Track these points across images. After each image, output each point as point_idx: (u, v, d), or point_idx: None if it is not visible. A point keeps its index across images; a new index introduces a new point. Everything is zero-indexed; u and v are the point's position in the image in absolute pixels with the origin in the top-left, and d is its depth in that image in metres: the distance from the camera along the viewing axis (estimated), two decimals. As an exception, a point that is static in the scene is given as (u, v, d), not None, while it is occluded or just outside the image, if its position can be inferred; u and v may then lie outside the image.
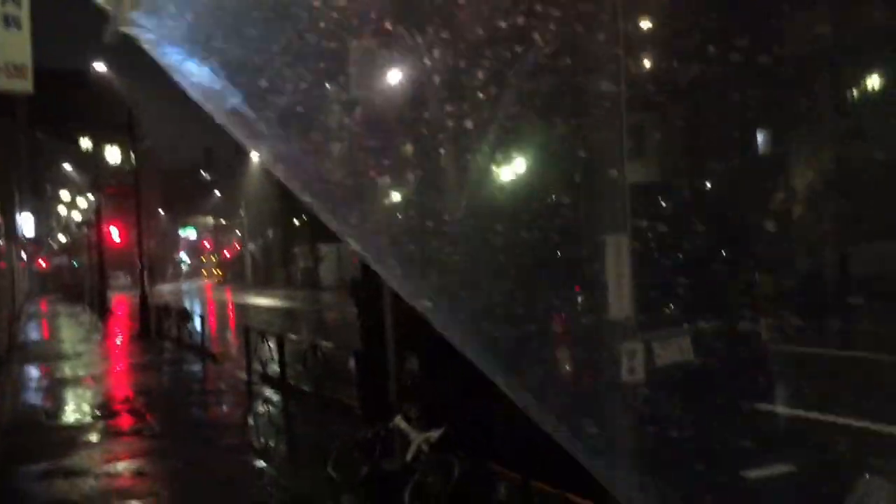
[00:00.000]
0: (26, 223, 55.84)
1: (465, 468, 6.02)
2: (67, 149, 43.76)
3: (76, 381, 13.94)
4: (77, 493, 7.04)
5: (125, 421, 10.18)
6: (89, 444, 8.97)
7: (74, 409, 11.22)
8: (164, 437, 9.10)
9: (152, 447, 8.63)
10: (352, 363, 9.57)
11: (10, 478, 7.65)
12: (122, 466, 7.85)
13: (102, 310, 33.89)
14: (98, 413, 10.69)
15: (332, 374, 10.15)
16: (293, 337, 12.10)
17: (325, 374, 10.02)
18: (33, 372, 15.71)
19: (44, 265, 67.54)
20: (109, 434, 9.41)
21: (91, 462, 8.05)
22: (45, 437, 9.46)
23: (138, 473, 7.64)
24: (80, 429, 9.80)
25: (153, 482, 7.31)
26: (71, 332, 26.84)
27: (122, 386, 13.59)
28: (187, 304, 32.43)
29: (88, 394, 12.54)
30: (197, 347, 17.15)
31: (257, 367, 12.32)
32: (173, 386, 13.31)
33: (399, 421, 6.38)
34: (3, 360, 16.97)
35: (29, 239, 56.36)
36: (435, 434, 6.10)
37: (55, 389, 13.27)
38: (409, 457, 6.14)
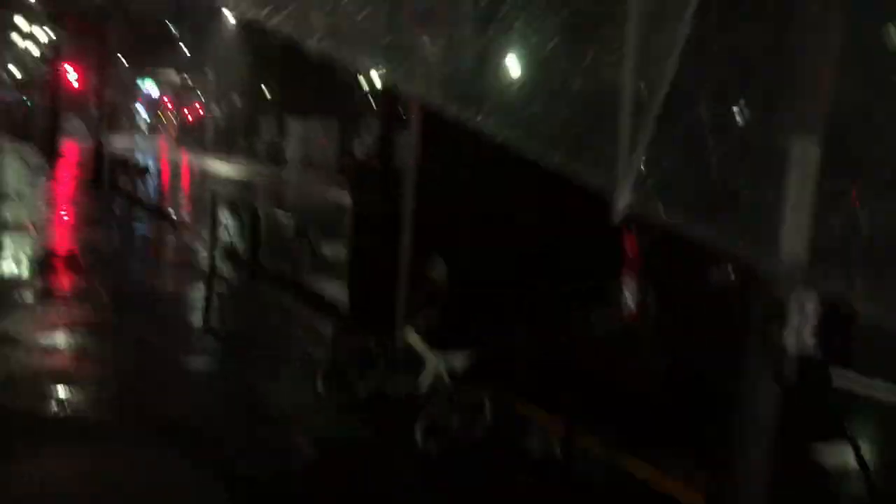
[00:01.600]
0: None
1: (496, 407, 4.91)
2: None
3: (16, 228, 12.45)
4: (3, 369, 5.76)
5: (68, 282, 8.86)
6: (24, 305, 7.66)
7: (10, 260, 9.80)
8: (113, 309, 7.81)
9: (99, 319, 7.35)
10: (339, 254, 8.37)
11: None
12: (59, 340, 6.58)
13: (52, 153, 31.84)
14: (38, 268, 9.33)
15: (315, 264, 8.94)
16: (278, 213, 10.72)
17: (308, 261, 8.78)
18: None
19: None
20: (49, 296, 8.10)
21: (24, 330, 6.75)
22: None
23: (78, 350, 6.39)
24: (14, 284, 8.45)
25: (96, 365, 6.06)
26: (16, 173, 24.92)
27: (68, 239, 12.16)
28: (142, 160, 30.62)
29: (28, 243, 11.10)
30: (152, 207, 15.72)
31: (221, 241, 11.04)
32: (126, 247, 11.89)
33: (410, 334, 5.20)
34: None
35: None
36: (459, 359, 4.95)
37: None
38: (423, 384, 5.01)
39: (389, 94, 7.30)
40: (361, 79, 46.40)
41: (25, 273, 9.06)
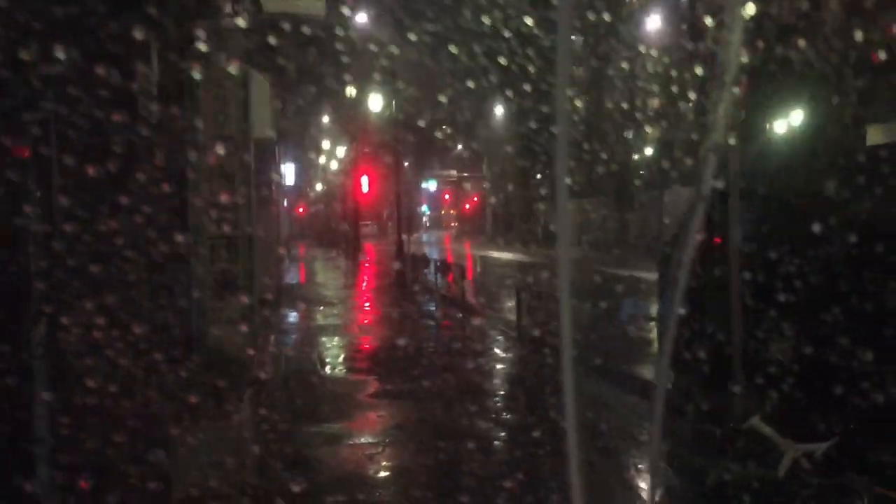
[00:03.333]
0: (288, 172, 59.74)
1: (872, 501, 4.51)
2: (327, 102, 45.79)
3: (344, 329, 13.87)
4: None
5: (396, 378, 9.64)
6: (364, 404, 8.45)
7: (345, 361, 10.92)
8: (444, 407, 8.28)
9: (432, 422, 7.87)
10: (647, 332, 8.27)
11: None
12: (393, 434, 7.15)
13: (356, 256, 35.01)
14: (372, 368, 10.29)
15: (624, 346, 8.93)
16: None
17: (619, 346, 8.80)
18: (307, 317, 15.98)
19: (301, 212, 72.31)
20: (381, 394, 8.87)
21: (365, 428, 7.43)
22: (316, 391, 9.12)
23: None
24: (353, 385, 9.38)
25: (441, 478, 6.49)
26: (329, 276, 27.83)
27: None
28: (433, 254, 32.64)
29: (356, 344, 12.30)
30: (457, 301, 16.66)
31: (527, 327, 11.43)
32: (442, 340, 12.73)
33: (758, 423, 4.96)
34: (273, 301, 17.51)
35: (290, 187, 60.33)
36: (820, 448, 4.64)
37: (322, 337, 13.23)
38: (781, 471, 4.74)
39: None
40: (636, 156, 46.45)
41: (360, 373, 10.02)
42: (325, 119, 57.39)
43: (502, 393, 8.91)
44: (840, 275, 5.16)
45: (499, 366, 10.56)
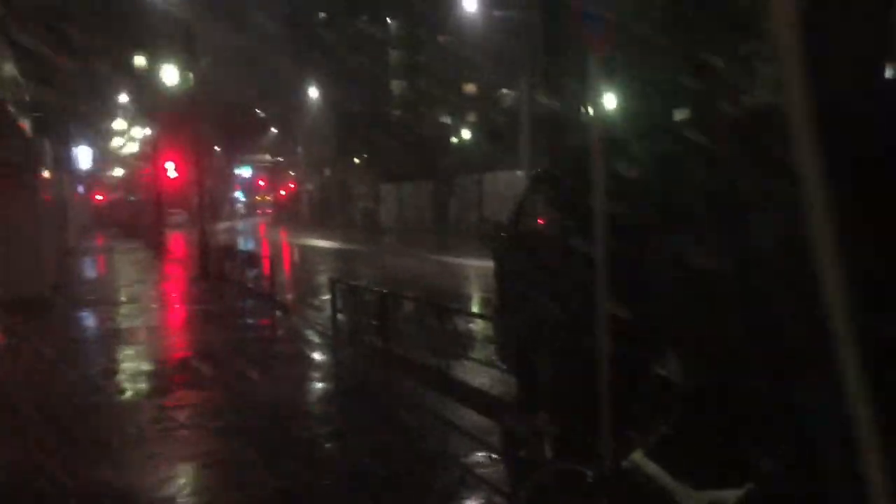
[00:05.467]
0: (83, 155, 54.47)
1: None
2: (123, 78, 41.84)
3: (130, 335, 11.73)
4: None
5: (188, 398, 7.84)
6: (142, 439, 6.62)
7: (126, 379, 8.88)
8: (245, 433, 6.64)
9: (229, 453, 6.20)
10: (500, 336, 7.05)
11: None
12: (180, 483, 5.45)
13: (159, 248, 32.30)
14: (153, 384, 8.38)
15: (456, 348, 7.66)
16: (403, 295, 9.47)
17: (451, 346, 7.51)
18: (80, 320, 13.57)
19: (100, 199, 66.58)
20: (166, 424, 7.06)
21: (146, 477, 5.66)
22: (89, 419, 7.15)
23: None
24: (131, 409, 7.48)
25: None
26: (126, 270, 25.00)
27: (180, 342, 11.31)
28: (245, 245, 30.55)
29: (143, 353, 10.27)
30: (263, 294, 14.88)
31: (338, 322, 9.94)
32: (239, 344, 10.89)
33: (642, 460, 3.77)
34: (48, 302, 14.92)
35: (85, 171, 55.05)
36: (730, 497, 3.50)
37: (102, 346, 11.07)
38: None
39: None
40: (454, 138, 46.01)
41: (140, 390, 8.10)
42: (124, 98, 52.72)
43: (319, 417, 7.36)
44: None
45: (313, 374, 8.98)
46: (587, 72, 4.18)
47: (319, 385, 8.30)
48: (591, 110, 4.31)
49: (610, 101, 15.67)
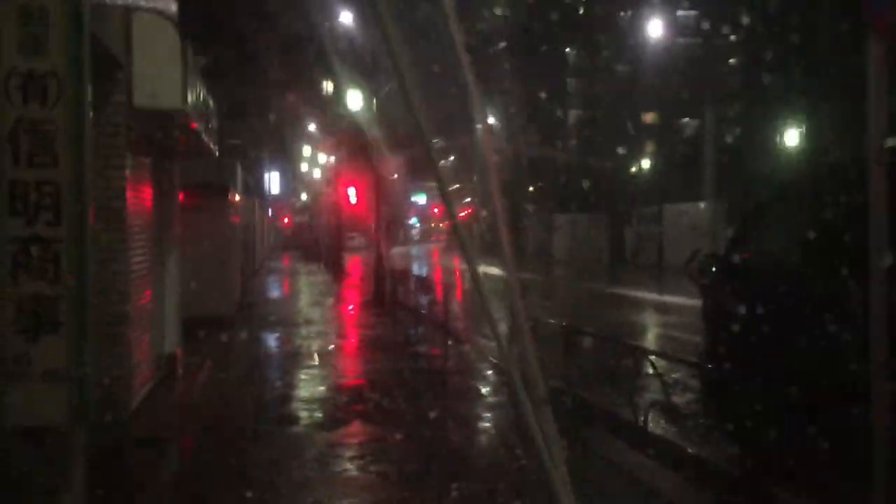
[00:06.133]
0: (273, 181, 57.57)
1: None
2: (311, 106, 43.77)
3: (304, 358, 11.60)
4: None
5: (354, 432, 7.37)
6: (306, 483, 6.16)
7: (296, 408, 8.58)
8: (413, 482, 6.01)
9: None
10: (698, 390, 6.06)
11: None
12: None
13: (337, 271, 33.14)
14: (322, 417, 8.00)
15: (654, 396, 6.71)
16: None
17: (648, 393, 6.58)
18: (257, 342, 13.69)
19: (287, 222, 70.07)
20: (333, 466, 6.60)
21: None
22: (254, 452, 6.84)
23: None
24: (298, 444, 7.09)
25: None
26: (305, 292, 25.66)
27: (353, 371, 11.01)
28: (418, 270, 30.67)
29: (315, 379, 10.02)
30: (436, 322, 14.43)
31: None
32: (419, 380, 10.37)
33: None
34: (231, 322, 15.25)
35: (274, 196, 58.09)
36: None
37: (276, 370, 10.96)
38: None
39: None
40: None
41: (308, 421, 7.73)
42: (312, 127, 55.31)
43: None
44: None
45: (487, 415, 8.29)
46: (869, 64, 3.23)
47: (494, 430, 7.56)
48: (871, 114, 3.34)
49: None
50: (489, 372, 10.22)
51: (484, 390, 9.21)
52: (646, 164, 42.39)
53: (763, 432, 5.32)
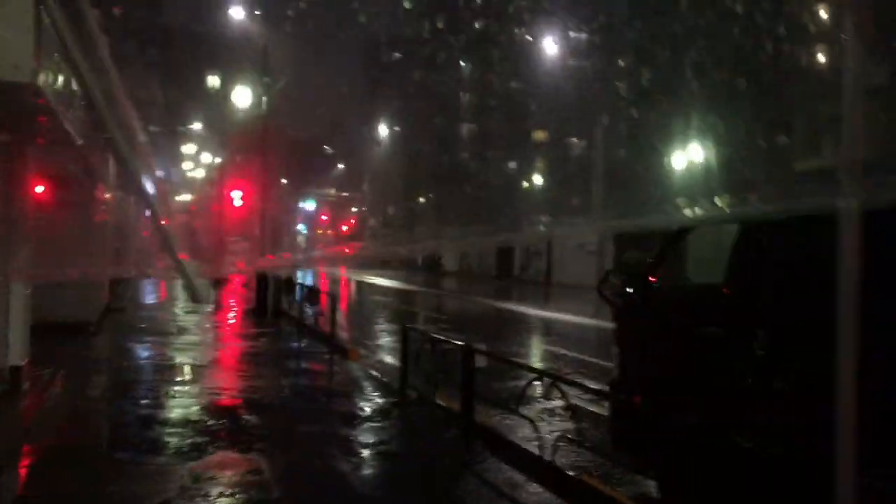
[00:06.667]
0: (153, 180, 54.75)
1: None
2: (196, 102, 41.97)
3: (173, 372, 10.53)
4: None
5: (229, 459, 6.50)
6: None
7: (160, 433, 7.60)
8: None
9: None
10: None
11: None
12: None
13: (218, 277, 31.66)
14: (192, 437, 7.07)
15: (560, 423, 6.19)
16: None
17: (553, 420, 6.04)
18: (122, 352, 12.46)
19: (164, 223, 66.88)
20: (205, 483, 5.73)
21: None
22: (110, 484, 5.87)
23: None
24: (159, 475, 6.16)
25: None
26: (182, 297, 24.14)
27: (228, 387, 10.02)
28: (303, 278, 29.64)
29: (185, 397, 9.02)
30: (322, 335, 13.62)
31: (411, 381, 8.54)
32: (300, 400, 9.53)
33: None
34: (93, 329, 13.90)
35: (153, 195, 55.26)
36: None
37: (139, 385, 9.87)
38: None
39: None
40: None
41: (174, 447, 6.79)
42: (196, 125, 53.01)
43: None
44: None
45: (379, 444, 7.56)
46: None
47: (387, 462, 6.84)
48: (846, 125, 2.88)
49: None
50: (376, 394, 9.50)
51: (373, 414, 8.47)
52: (537, 181, 42.65)
53: (678, 469, 4.87)
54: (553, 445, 5.75)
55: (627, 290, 5.54)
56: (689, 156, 31.73)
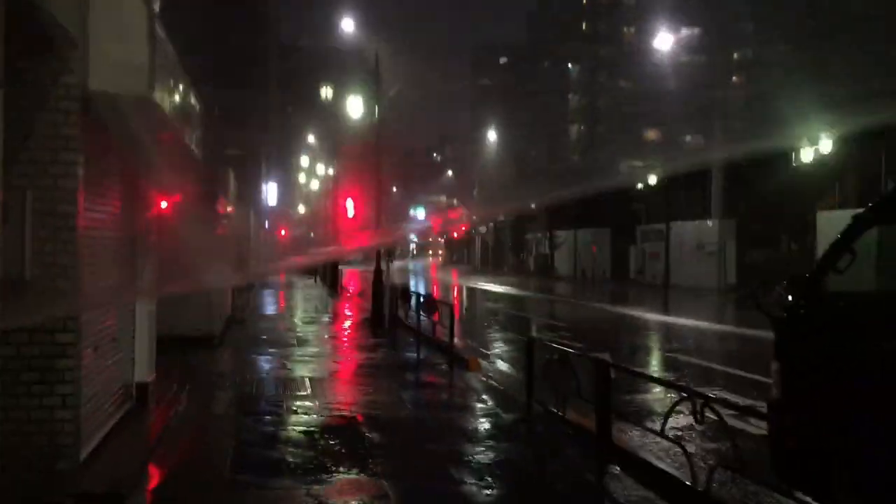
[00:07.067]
0: (271, 193, 56.49)
1: None
2: (310, 115, 42.89)
3: (294, 386, 10.45)
4: None
5: (352, 483, 6.22)
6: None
7: (281, 451, 7.42)
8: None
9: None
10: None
11: None
12: None
13: (334, 286, 32.22)
14: (308, 463, 6.84)
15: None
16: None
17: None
18: (243, 365, 12.52)
19: (283, 234, 68.93)
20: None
21: None
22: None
23: None
24: (287, 493, 5.94)
25: None
26: (300, 308, 24.52)
27: (349, 401, 9.82)
28: (416, 286, 29.63)
29: (306, 413, 8.86)
30: (439, 345, 13.35)
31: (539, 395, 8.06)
32: (422, 415, 9.23)
33: None
34: (216, 341, 14.11)
35: (272, 208, 56.96)
36: None
37: (260, 400, 9.80)
38: None
39: None
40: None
41: (293, 467, 6.57)
42: (311, 138, 54.25)
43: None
44: None
45: (509, 467, 7.13)
46: None
47: (519, 487, 6.39)
48: None
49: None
50: (500, 408, 9.08)
51: (501, 432, 8.06)
52: (652, 181, 41.21)
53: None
54: (707, 473, 5.16)
55: (791, 299, 4.90)
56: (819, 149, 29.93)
